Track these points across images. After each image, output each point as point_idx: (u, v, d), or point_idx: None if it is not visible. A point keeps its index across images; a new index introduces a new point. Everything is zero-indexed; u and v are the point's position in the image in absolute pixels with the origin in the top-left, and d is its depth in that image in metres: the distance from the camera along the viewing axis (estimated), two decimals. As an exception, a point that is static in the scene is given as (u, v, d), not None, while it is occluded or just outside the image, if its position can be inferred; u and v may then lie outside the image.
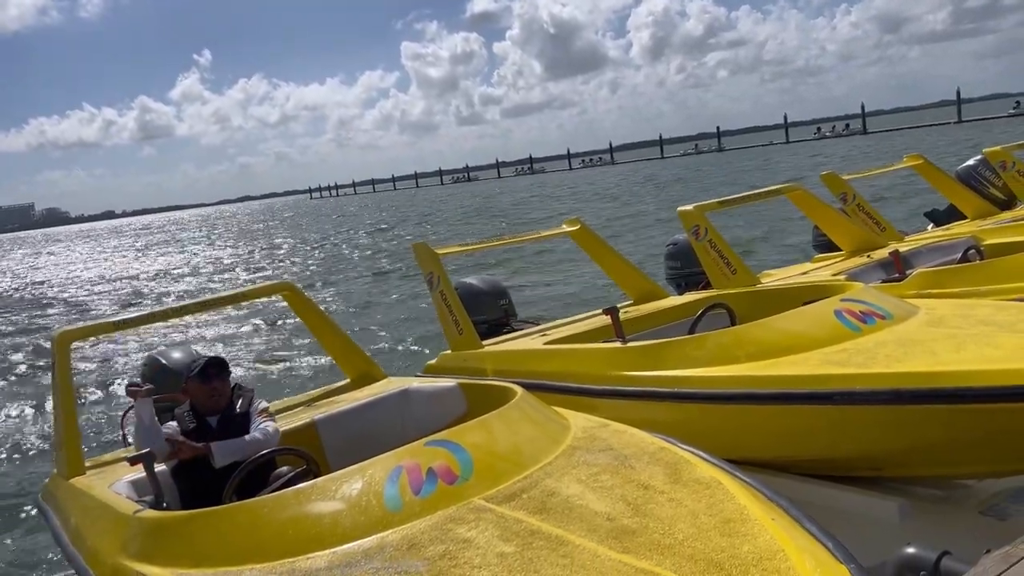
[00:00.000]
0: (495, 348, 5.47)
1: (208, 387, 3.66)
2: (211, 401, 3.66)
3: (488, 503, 2.49)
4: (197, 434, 3.56)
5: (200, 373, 3.68)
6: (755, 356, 3.86)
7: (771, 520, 2.24)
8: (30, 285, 32.97)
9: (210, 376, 3.67)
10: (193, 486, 3.51)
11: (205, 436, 3.55)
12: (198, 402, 3.69)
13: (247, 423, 3.66)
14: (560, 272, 16.35)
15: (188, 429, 3.59)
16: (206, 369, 3.68)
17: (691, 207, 6.20)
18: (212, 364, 3.72)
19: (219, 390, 3.69)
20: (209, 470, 3.45)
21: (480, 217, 39.05)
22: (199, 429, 3.60)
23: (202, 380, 3.67)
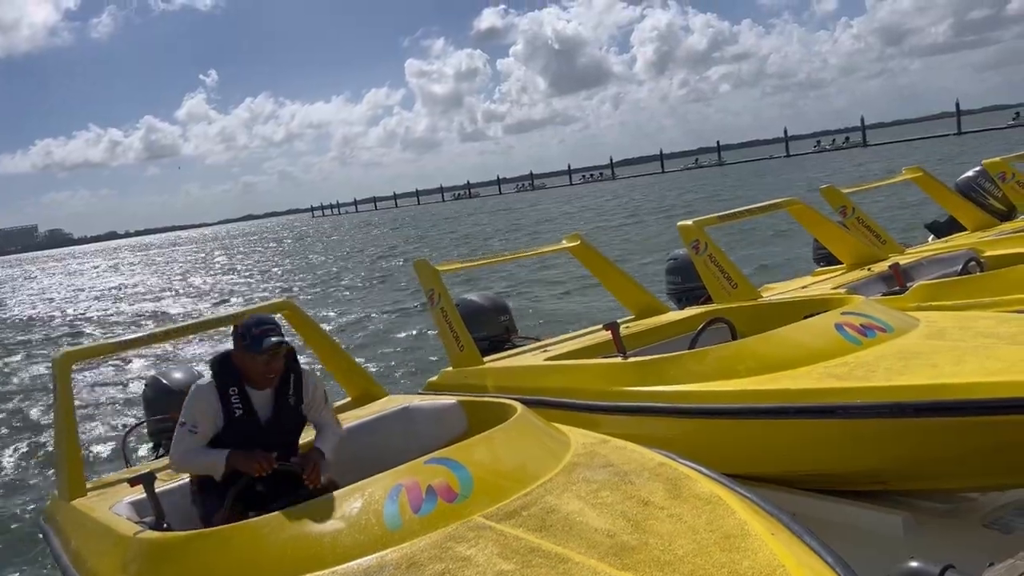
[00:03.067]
0: (496, 364, 5.47)
1: (263, 365, 3.11)
2: (261, 378, 3.14)
3: (488, 521, 2.48)
4: (247, 421, 3.15)
5: (256, 342, 3.05)
6: (756, 370, 3.85)
7: (771, 535, 2.23)
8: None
9: (266, 348, 3.05)
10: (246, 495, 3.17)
11: (254, 424, 3.16)
12: (245, 372, 3.14)
13: (299, 414, 3.28)
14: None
15: (236, 417, 3.12)
16: (263, 338, 3.05)
17: (690, 222, 6.22)
18: (270, 329, 3.07)
19: (274, 367, 3.14)
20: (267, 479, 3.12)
21: (520, 233, 36.92)
22: (248, 416, 3.15)
23: (259, 351, 3.06)
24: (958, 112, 75.54)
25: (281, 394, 3.25)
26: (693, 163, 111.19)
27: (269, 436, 3.20)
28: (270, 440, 3.20)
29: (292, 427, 3.35)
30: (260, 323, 3.13)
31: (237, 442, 3.13)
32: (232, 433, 3.15)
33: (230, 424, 3.15)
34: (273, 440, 3.21)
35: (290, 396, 3.27)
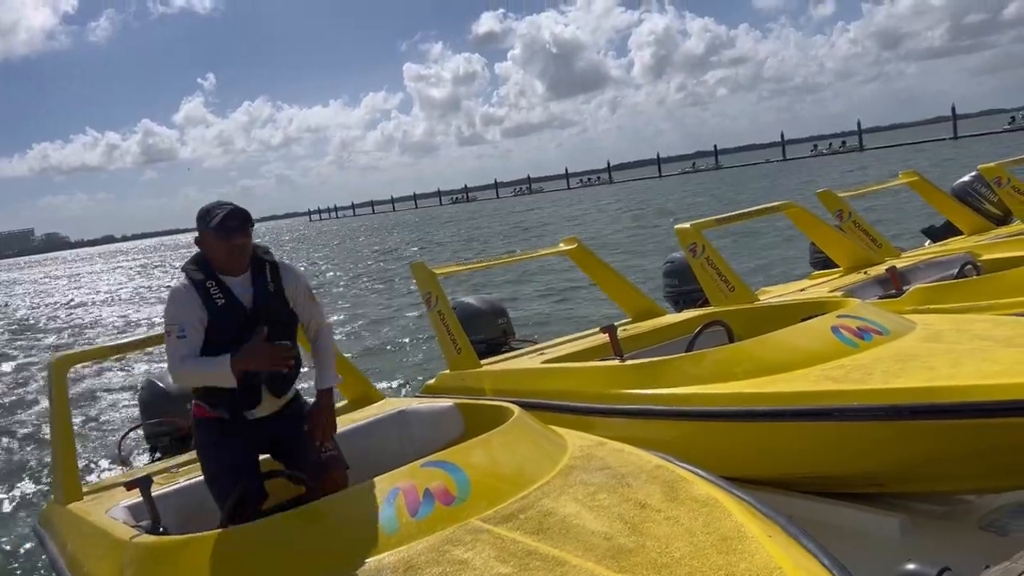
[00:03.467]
0: (493, 367, 5.47)
1: (228, 243, 2.98)
2: (230, 260, 3.01)
3: (485, 524, 2.48)
4: (233, 308, 2.99)
5: (219, 226, 2.96)
6: (753, 373, 3.86)
7: (768, 538, 2.23)
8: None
9: (231, 229, 2.96)
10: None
11: (240, 310, 3.01)
12: (215, 260, 3.03)
13: (283, 302, 3.11)
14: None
15: (219, 306, 2.98)
16: (225, 221, 2.96)
17: (688, 225, 6.23)
18: (232, 215, 2.98)
19: (240, 248, 3.01)
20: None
21: (531, 235, 35.93)
22: (231, 303, 3.00)
23: (220, 234, 2.96)
24: (954, 116, 75.84)
25: (258, 277, 3.08)
26: (690, 167, 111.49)
27: (257, 322, 3.02)
28: (259, 326, 3.03)
29: (280, 314, 3.12)
30: (220, 204, 3.04)
31: (228, 335, 2.97)
32: (221, 326, 2.97)
33: (215, 317, 2.97)
34: (256, 329, 3.03)
35: (269, 283, 3.09)
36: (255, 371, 2.99)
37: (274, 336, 3.02)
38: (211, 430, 3.16)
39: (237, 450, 3.16)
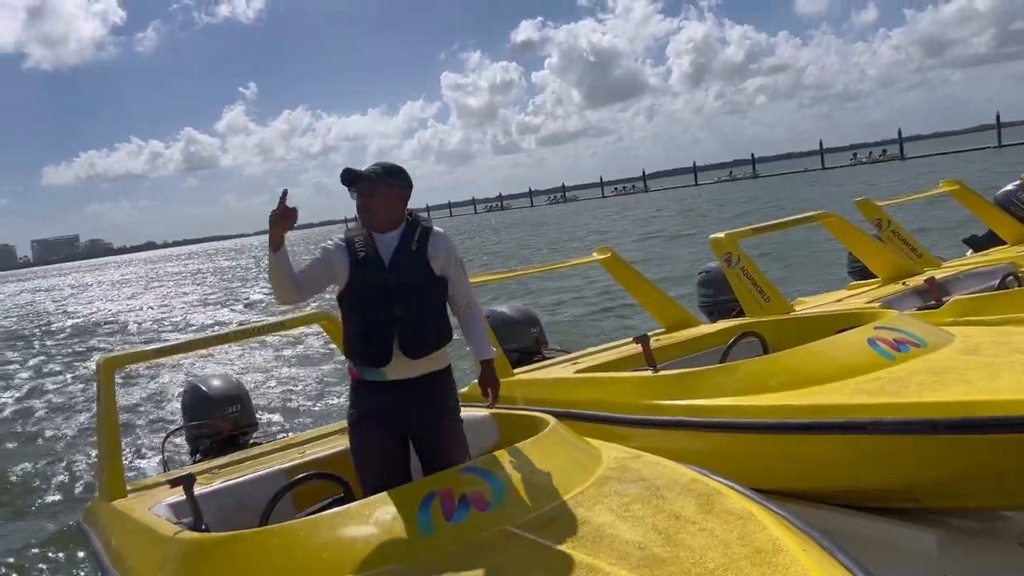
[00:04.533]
0: (526, 376, 5.50)
1: (357, 201, 3.17)
2: (363, 216, 3.18)
3: (520, 530, 2.52)
4: (371, 259, 3.12)
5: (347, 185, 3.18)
6: (787, 385, 3.84)
7: (803, 551, 2.23)
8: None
9: (352, 191, 3.17)
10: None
11: (378, 262, 3.12)
12: (362, 219, 3.22)
13: (426, 264, 3.15)
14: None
15: (360, 258, 3.13)
16: (354, 181, 3.16)
17: (722, 234, 6.21)
18: (344, 178, 3.16)
19: (366, 205, 3.15)
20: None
21: (579, 244, 34.28)
22: (372, 255, 3.13)
23: (352, 193, 3.19)
24: (999, 124, 74.22)
25: (406, 236, 3.17)
26: (727, 176, 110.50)
27: (391, 276, 3.10)
28: (394, 280, 3.10)
29: (418, 275, 3.14)
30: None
31: (362, 281, 3.11)
32: (358, 273, 3.12)
33: (354, 266, 3.12)
34: (395, 282, 3.09)
35: (413, 242, 3.17)
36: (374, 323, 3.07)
37: (409, 296, 3.10)
38: (354, 389, 3.26)
39: (366, 410, 3.20)
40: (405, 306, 3.09)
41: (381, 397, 3.17)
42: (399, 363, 3.10)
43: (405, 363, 3.11)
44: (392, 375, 3.13)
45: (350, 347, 3.20)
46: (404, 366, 3.12)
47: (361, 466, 3.24)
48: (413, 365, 3.14)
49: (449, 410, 3.29)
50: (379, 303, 3.08)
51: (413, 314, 3.10)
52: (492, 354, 3.44)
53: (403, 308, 3.09)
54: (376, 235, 3.17)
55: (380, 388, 3.16)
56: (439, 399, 3.26)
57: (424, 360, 3.16)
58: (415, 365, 3.14)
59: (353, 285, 3.13)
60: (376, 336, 3.08)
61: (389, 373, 3.12)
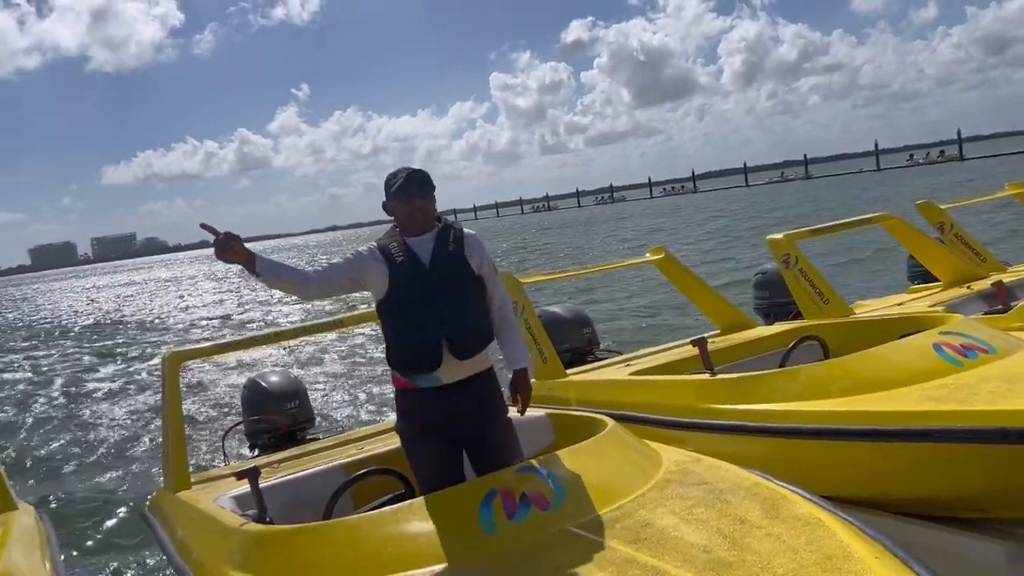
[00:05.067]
0: (579, 377, 5.49)
1: (408, 205, 3.10)
2: (411, 221, 3.12)
3: (581, 531, 2.52)
4: (411, 263, 3.07)
5: (399, 189, 3.10)
6: (849, 390, 3.77)
7: (875, 559, 2.19)
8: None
9: (411, 193, 3.09)
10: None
11: (419, 265, 3.07)
12: (399, 222, 3.17)
13: (462, 263, 3.12)
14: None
15: (399, 263, 3.07)
16: (407, 186, 3.09)
17: (780, 235, 6.12)
18: (411, 179, 3.11)
19: (420, 209, 3.12)
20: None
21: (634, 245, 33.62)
22: (411, 259, 3.08)
23: (403, 198, 3.10)
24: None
25: (440, 239, 3.14)
26: (779, 176, 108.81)
27: (433, 277, 3.06)
28: (435, 281, 3.06)
29: (458, 275, 3.11)
30: (402, 168, 3.16)
31: (405, 285, 3.06)
32: (399, 278, 3.06)
33: (395, 271, 3.06)
34: (438, 282, 3.06)
35: (450, 243, 3.14)
36: (421, 327, 3.01)
37: (453, 296, 3.07)
38: (403, 399, 3.18)
39: (421, 424, 3.13)
40: (450, 306, 3.05)
41: (432, 404, 3.11)
42: (449, 366, 3.06)
43: (455, 365, 3.07)
44: (444, 379, 3.08)
45: (397, 355, 3.13)
46: (454, 368, 3.07)
47: (419, 476, 3.18)
48: (462, 367, 3.09)
49: (500, 410, 3.26)
50: (424, 305, 3.03)
51: (459, 314, 3.07)
52: (528, 363, 3.33)
53: (449, 308, 3.05)
54: (409, 240, 3.12)
55: (431, 395, 3.10)
56: (490, 400, 3.23)
57: (471, 361, 3.12)
58: (463, 367, 3.10)
59: (395, 290, 3.07)
60: (425, 339, 3.03)
61: (442, 377, 3.07)
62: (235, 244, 2.89)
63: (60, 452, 9.35)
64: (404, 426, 3.21)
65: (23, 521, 4.00)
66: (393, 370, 3.17)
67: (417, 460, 3.18)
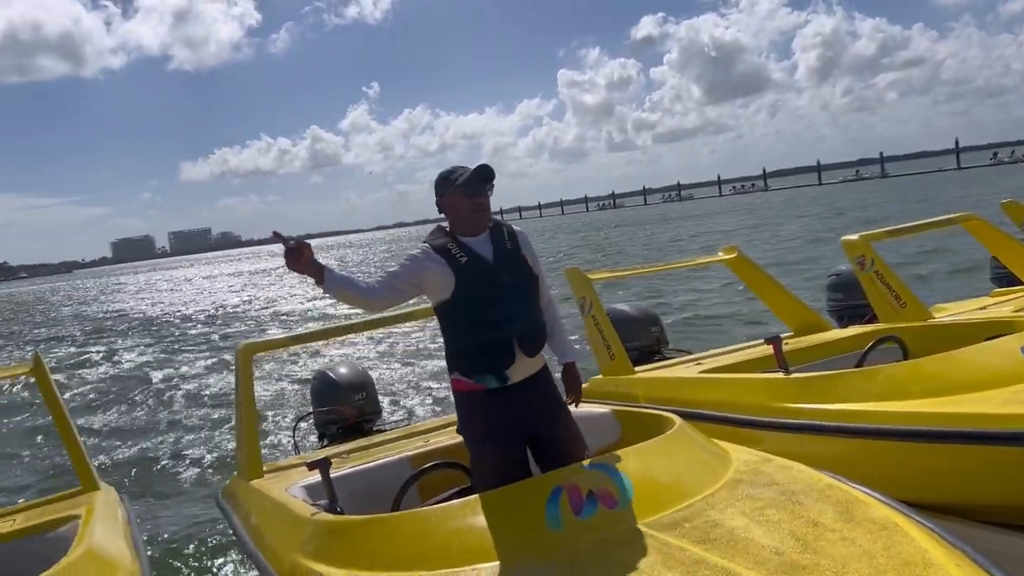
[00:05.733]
0: (648, 375, 5.44)
1: (472, 200, 3.04)
2: (473, 218, 3.06)
3: (649, 529, 2.49)
4: (476, 261, 3.02)
5: (467, 183, 3.03)
6: (931, 392, 3.66)
7: (956, 566, 2.11)
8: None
9: (478, 189, 3.04)
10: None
11: (483, 262, 3.03)
12: (458, 219, 3.09)
13: (522, 261, 3.11)
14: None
15: (463, 263, 3.01)
16: (475, 180, 3.04)
17: (856, 236, 5.95)
18: (480, 172, 3.04)
19: (484, 205, 3.07)
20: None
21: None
22: (474, 258, 3.03)
23: (467, 192, 3.04)
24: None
25: (496, 237, 3.11)
26: (853, 175, 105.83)
27: (500, 274, 3.03)
28: (503, 278, 3.03)
29: (520, 273, 3.10)
30: (461, 166, 3.13)
31: (472, 284, 3.00)
32: (466, 278, 3.00)
33: (461, 274, 3.00)
34: (505, 279, 3.03)
35: (507, 241, 3.12)
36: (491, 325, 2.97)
37: (519, 294, 3.06)
38: (467, 401, 3.11)
39: (489, 425, 3.06)
40: (519, 304, 3.04)
41: (500, 404, 3.04)
42: (519, 363, 3.03)
43: (524, 363, 3.04)
44: (513, 377, 3.03)
45: (466, 356, 3.06)
46: (523, 366, 3.05)
47: (487, 477, 3.07)
48: (528, 364, 3.07)
49: (563, 405, 3.24)
50: (493, 304, 3.00)
51: (526, 311, 3.06)
52: (576, 357, 3.35)
53: (518, 306, 3.03)
54: (466, 240, 3.08)
55: (497, 395, 3.03)
56: (553, 395, 3.21)
57: (536, 359, 3.10)
58: (530, 364, 3.07)
59: (462, 290, 3.00)
60: (497, 337, 2.99)
61: (511, 375, 3.02)
62: (306, 254, 2.82)
63: (142, 436, 9.71)
64: (469, 429, 3.15)
65: (106, 501, 4.17)
66: (456, 373, 3.10)
67: (485, 462, 3.12)
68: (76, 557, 3.05)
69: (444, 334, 3.13)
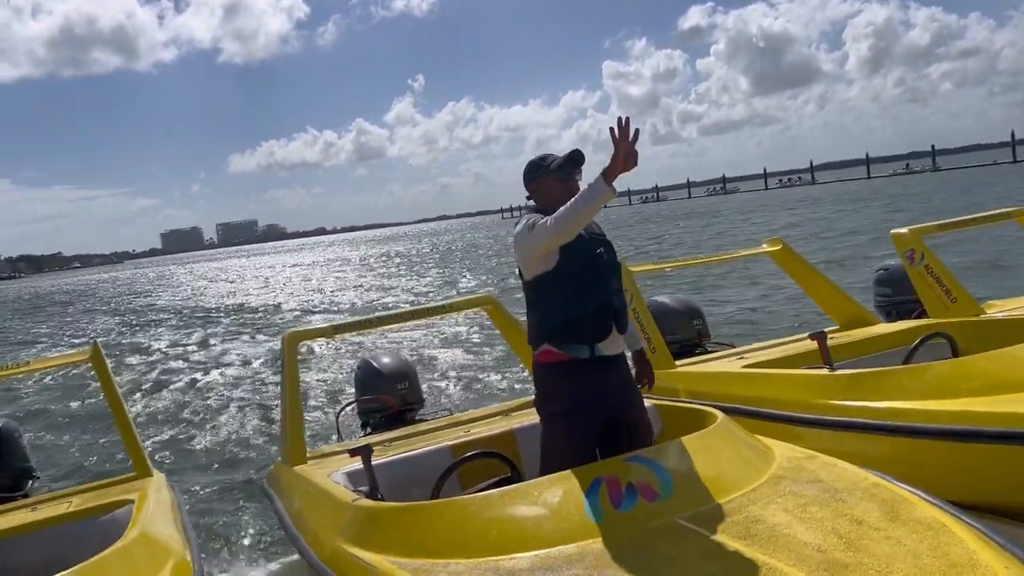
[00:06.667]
0: (689, 369, 5.39)
1: (566, 184, 3.17)
2: (564, 200, 3.05)
3: (689, 523, 2.47)
4: (581, 242, 3.08)
5: (562, 167, 3.19)
6: (981, 391, 3.56)
7: (1005, 568, 2.06)
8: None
9: (570, 173, 3.19)
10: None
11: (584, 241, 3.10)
12: (552, 203, 3.11)
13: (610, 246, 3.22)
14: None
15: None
16: (570, 163, 3.18)
17: (906, 230, 5.81)
18: (577, 157, 3.19)
19: (576, 189, 3.15)
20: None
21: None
22: (581, 239, 3.08)
23: (560, 176, 3.19)
24: None
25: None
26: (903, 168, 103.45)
27: (601, 251, 3.15)
28: (604, 255, 3.15)
29: (611, 253, 3.21)
30: (551, 153, 3.28)
31: (578, 257, 3.08)
32: (572, 250, 3.06)
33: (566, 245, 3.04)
34: (605, 255, 3.16)
35: (594, 225, 3.23)
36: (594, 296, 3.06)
37: (613, 271, 3.20)
38: (554, 372, 3.15)
39: (572, 400, 3.12)
40: (614, 281, 3.19)
41: (588, 375, 3.11)
42: (611, 338, 3.15)
43: (614, 338, 3.17)
44: (605, 350, 3.13)
45: (565, 324, 3.10)
46: (613, 341, 3.16)
47: (555, 454, 3.11)
48: (617, 341, 3.19)
49: (639, 391, 3.37)
50: (595, 278, 3.12)
51: (618, 289, 3.22)
52: (644, 343, 3.50)
53: (614, 282, 3.19)
54: None
55: (586, 365, 3.10)
56: (632, 379, 3.35)
57: (620, 338, 3.23)
58: (618, 342, 3.21)
59: (566, 262, 3.08)
60: (599, 307, 3.10)
61: (604, 348, 3.12)
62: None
63: (190, 423, 9.93)
64: (551, 401, 3.20)
65: (158, 487, 4.29)
66: (546, 344, 3.15)
67: (557, 435, 3.16)
68: (130, 540, 3.14)
69: (538, 307, 3.21)
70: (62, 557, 3.44)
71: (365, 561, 2.71)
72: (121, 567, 2.91)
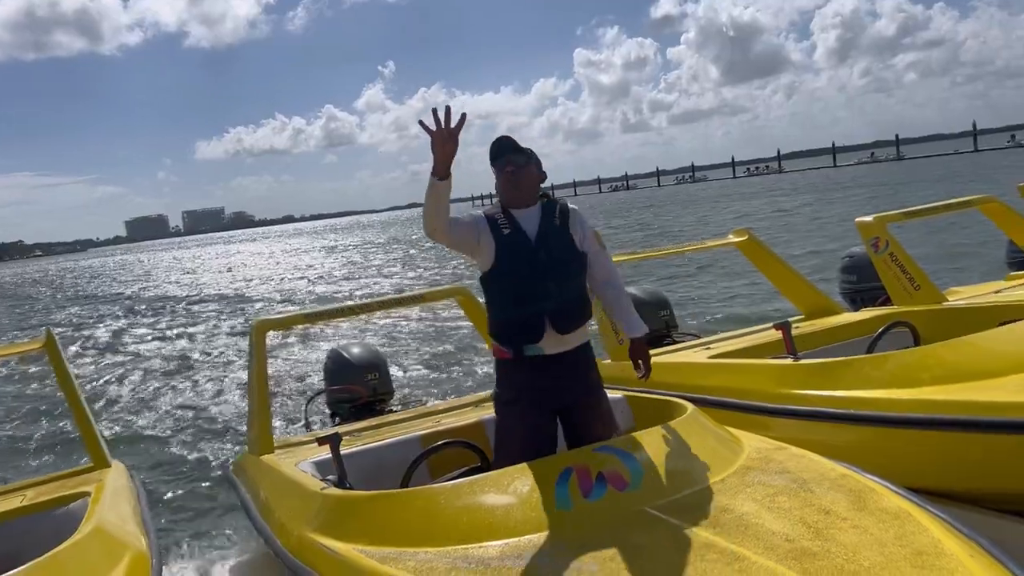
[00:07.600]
0: (656, 360, 5.38)
1: (501, 174, 3.13)
2: (508, 190, 3.13)
3: (659, 513, 2.48)
4: (517, 235, 3.09)
5: (491, 156, 3.15)
6: (942, 379, 3.62)
7: (969, 557, 2.09)
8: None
9: (496, 159, 3.14)
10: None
11: (524, 237, 3.09)
12: (502, 195, 3.17)
13: (567, 240, 3.15)
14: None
15: (506, 235, 3.10)
16: (493, 151, 3.15)
17: (871, 218, 5.88)
18: (496, 144, 3.15)
19: (511, 175, 3.12)
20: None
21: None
22: (516, 232, 3.10)
23: (493, 164, 3.15)
24: None
25: (546, 213, 3.16)
26: (868, 157, 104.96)
27: (539, 251, 3.09)
28: (542, 256, 3.09)
29: (563, 251, 3.14)
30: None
31: (511, 258, 3.08)
32: (505, 250, 3.09)
33: (501, 243, 3.09)
34: (544, 257, 3.09)
35: (555, 217, 3.17)
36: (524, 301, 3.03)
37: (558, 271, 3.09)
38: (503, 367, 3.20)
39: (520, 390, 3.14)
40: (555, 282, 3.09)
41: (533, 372, 3.12)
42: (550, 338, 3.10)
43: (556, 338, 3.11)
44: (548, 350, 3.11)
45: (500, 326, 3.16)
46: (555, 341, 3.11)
47: (509, 443, 3.16)
48: (563, 340, 3.12)
49: (599, 386, 3.30)
50: (529, 279, 3.07)
51: (563, 289, 3.10)
52: (645, 331, 3.36)
53: (554, 284, 3.08)
54: (515, 212, 3.14)
55: (532, 363, 3.11)
56: (588, 372, 3.25)
57: (571, 335, 3.15)
58: (565, 340, 3.13)
59: (501, 263, 3.10)
60: (528, 312, 3.07)
61: (544, 348, 3.10)
62: (455, 144, 2.83)
63: (152, 412, 9.78)
64: (501, 391, 3.23)
65: (116, 478, 4.21)
66: (494, 341, 3.20)
67: (508, 425, 3.19)
68: (85, 534, 3.07)
69: (487, 304, 3.23)
70: (16, 553, 3.36)
71: (333, 550, 2.69)
72: (75, 562, 2.84)
